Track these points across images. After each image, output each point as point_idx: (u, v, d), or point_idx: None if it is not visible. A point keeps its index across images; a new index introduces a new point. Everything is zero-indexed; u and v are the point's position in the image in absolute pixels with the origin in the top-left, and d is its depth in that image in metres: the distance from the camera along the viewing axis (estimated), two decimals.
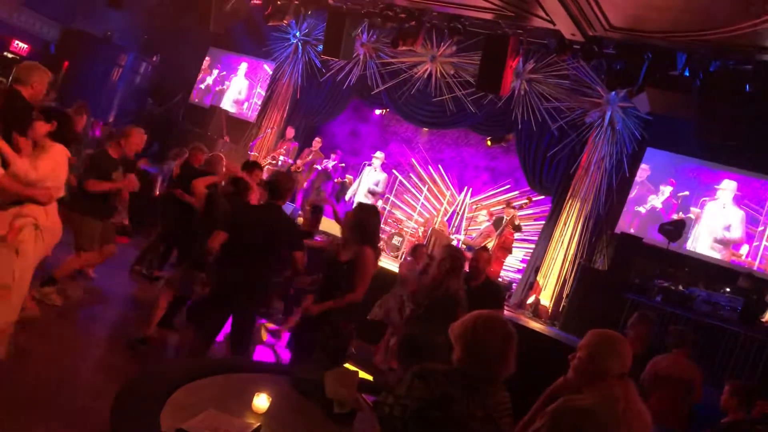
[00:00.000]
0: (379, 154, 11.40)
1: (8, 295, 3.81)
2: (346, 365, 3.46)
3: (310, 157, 11.86)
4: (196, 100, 14.28)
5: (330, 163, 11.81)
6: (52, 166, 4.06)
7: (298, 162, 11.85)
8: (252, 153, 12.39)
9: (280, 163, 11.93)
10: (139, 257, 7.51)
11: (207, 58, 14.48)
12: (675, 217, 9.25)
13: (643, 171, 9.82)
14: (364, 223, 4.36)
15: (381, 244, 11.35)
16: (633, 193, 9.80)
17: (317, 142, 12.08)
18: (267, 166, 11.89)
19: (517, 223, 9.52)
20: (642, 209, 9.73)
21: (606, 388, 2.53)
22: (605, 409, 2.46)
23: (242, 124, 13.30)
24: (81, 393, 4.04)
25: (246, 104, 13.82)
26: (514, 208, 9.74)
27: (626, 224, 9.73)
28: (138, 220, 8.71)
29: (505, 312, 7.37)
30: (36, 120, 4.10)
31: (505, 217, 9.60)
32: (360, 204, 5.19)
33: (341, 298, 4.18)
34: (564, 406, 2.52)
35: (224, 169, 6.52)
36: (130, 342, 5.11)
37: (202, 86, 14.38)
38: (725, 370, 6.94)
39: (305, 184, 11.90)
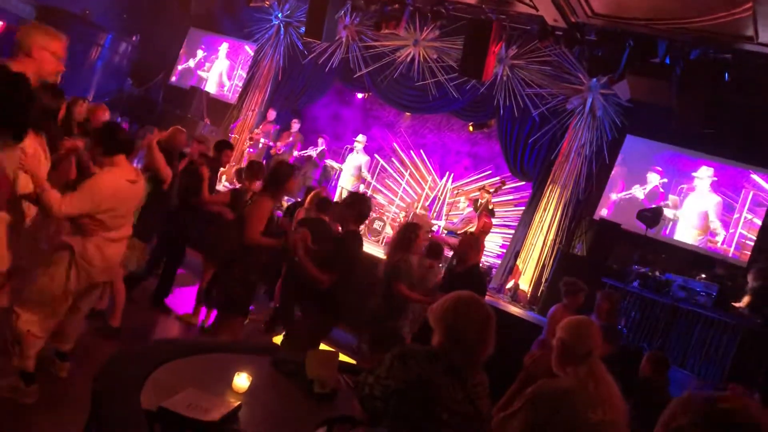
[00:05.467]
0: (361, 138, 11.34)
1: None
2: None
3: (291, 138, 11.79)
4: (177, 80, 14.11)
5: (316, 151, 11.75)
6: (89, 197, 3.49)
7: (279, 144, 11.78)
8: (232, 135, 12.30)
9: (260, 145, 11.86)
10: None
11: (187, 39, 14.30)
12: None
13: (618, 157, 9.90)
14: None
15: (362, 228, 11.39)
16: (611, 179, 9.88)
17: (296, 124, 12.00)
18: (247, 149, 11.85)
19: (490, 207, 9.55)
20: (621, 195, 9.82)
21: (579, 369, 2.62)
22: (581, 390, 2.54)
23: (223, 106, 13.16)
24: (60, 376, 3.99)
25: (227, 86, 13.68)
26: (489, 192, 9.77)
27: (605, 211, 9.82)
28: None
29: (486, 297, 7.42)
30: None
31: (479, 201, 9.64)
32: None
33: None
34: (542, 388, 2.59)
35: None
36: (104, 330, 4.95)
37: (182, 67, 14.21)
38: (700, 354, 7.07)
39: None
